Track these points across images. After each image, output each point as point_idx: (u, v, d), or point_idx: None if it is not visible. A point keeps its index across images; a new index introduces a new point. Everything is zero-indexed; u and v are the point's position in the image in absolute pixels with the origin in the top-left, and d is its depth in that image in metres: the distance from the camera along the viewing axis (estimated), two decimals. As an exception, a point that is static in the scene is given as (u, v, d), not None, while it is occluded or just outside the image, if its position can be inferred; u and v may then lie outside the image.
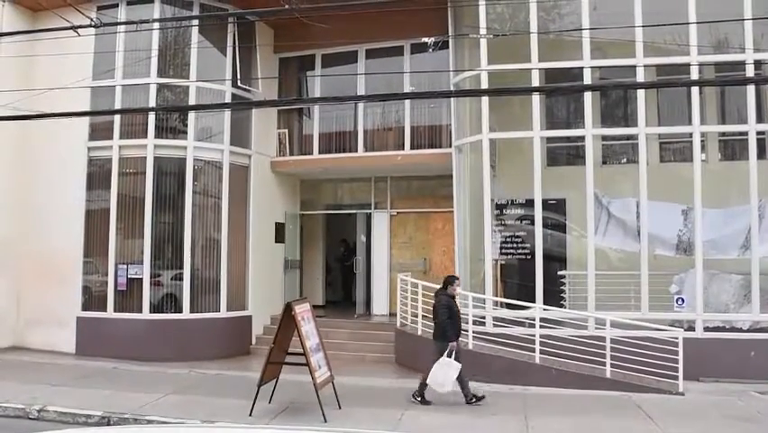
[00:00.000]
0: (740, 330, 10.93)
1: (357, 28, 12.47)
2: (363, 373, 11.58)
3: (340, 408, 8.75)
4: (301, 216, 16.47)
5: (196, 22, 13.08)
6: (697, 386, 10.23)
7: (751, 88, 11.06)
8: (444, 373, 9.02)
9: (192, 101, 13.07)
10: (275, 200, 15.28)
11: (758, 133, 11.16)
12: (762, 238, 11.02)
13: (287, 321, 8.70)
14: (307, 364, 8.35)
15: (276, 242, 15.29)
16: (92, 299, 13.24)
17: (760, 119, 11.25)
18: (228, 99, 13.51)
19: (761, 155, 11.23)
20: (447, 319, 9.27)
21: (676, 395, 9.84)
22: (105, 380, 10.74)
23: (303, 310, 8.85)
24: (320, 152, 15.03)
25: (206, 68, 13.31)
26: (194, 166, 13.20)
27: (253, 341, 14.04)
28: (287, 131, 15.33)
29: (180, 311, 12.98)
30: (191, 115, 13.15)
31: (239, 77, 13.61)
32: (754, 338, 10.73)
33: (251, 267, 14.12)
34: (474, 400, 9.25)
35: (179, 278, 13.06)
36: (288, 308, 8.66)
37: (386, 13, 11.25)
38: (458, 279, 9.90)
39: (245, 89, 13.86)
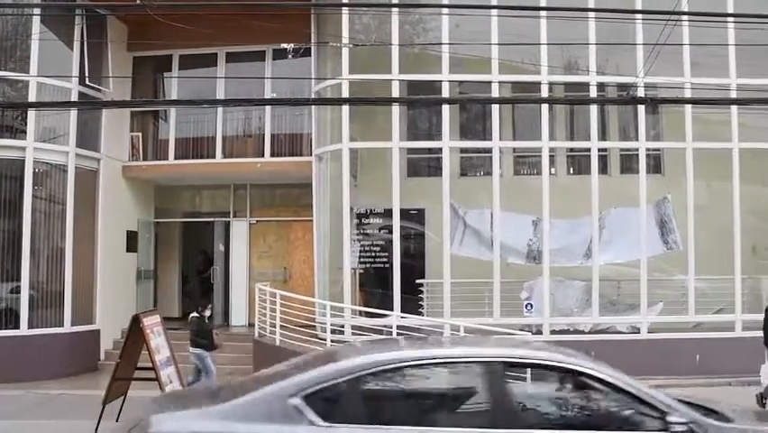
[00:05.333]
0: (582, 332, 11.78)
1: (217, 30, 12.08)
2: (220, 387, 11.19)
3: (192, 424, 8.36)
4: (156, 224, 15.72)
5: (38, 11, 12.08)
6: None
7: (594, 108, 12.02)
8: None
9: (33, 98, 12.05)
10: (127, 207, 14.48)
11: (600, 150, 12.15)
12: (602, 248, 11.91)
13: (135, 334, 8.30)
14: (157, 379, 8.00)
15: (128, 251, 14.50)
16: None
17: (603, 137, 12.22)
18: (75, 98, 12.61)
19: (603, 170, 12.24)
20: None
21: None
22: None
23: (152, 323, 8.47)
24: (176, 158, 14.44)
25: (50, 62, 12.29)
26: (34, 169, 12.19)
27: (102, 356, 13.19)
28: (141, 134, 14.58)
29: (18, 327, 11.92)
30: (31, 114, 12.12)
31: (87, 74, 12.79)
32: (595, 339, 11.48)
33: (100, 278, 13.29)
34: None
35: (18, 291, 12.01)
36: (136, 321, 8.26)
37: (247, 16, 11.02)
38: None
39: (95, 88, 13.04)
